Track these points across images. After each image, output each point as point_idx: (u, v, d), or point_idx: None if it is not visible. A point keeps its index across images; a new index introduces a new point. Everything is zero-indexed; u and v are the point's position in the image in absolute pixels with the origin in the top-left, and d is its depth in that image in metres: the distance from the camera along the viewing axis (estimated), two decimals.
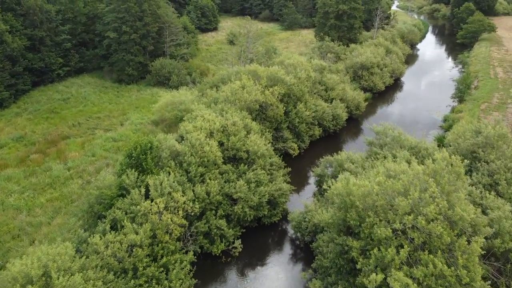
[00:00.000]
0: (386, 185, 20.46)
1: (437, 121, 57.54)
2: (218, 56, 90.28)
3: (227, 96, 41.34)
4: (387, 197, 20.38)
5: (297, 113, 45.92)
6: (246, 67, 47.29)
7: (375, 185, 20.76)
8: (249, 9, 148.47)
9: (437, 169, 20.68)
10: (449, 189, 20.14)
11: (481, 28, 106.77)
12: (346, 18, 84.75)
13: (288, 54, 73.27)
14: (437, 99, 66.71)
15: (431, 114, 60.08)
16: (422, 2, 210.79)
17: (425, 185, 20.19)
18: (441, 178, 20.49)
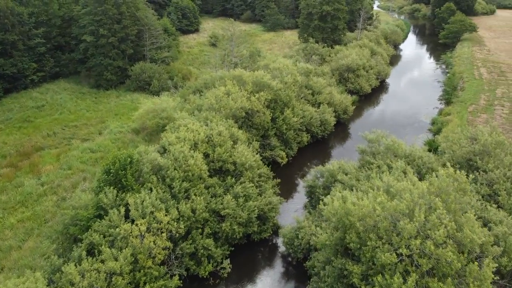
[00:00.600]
0: (389, 206, 18.83)
1: (425, 124, 56.66)
2: (200, 59, 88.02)
3: (211, 103, 39.27)
4: (390, 218, 18.76)
5: (285, 120, 44.18)
6: (230, 72, 45.34)
7: (376, 205, 19.11)
8: (230, 10, 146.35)
9: (442, 187, 19.16)
10: (456, 207, 18.64)
11: (463, 28, 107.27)
12: (330, 19, 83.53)
13: (272, 56, 71.65)
14: (424, 101, 65.99)
15: (419, 117, 59.20)
16: (402, 2, 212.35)
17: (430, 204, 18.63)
18: (447, 195, 18.98)
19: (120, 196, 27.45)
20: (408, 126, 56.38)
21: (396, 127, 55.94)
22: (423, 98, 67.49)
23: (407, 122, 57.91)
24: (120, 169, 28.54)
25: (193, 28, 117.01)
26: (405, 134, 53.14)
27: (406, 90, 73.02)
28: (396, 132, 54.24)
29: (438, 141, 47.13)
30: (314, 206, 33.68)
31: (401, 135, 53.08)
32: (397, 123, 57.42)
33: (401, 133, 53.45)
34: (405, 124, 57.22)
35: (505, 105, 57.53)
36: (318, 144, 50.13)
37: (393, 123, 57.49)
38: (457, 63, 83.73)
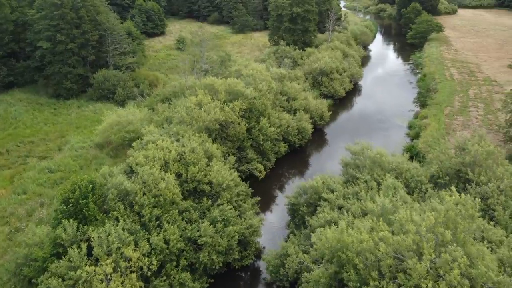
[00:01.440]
0: (392, 241, 16.60)
1: (402, 128, 55.56)
2: (168, 63, 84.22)
3: (182, 116, 36.13)
4: (394, 254, 16.54)
5: (261, 130, 41.63)
6: (202, 81, 42.36)
7: (378, 240, 16.84)
8: (197, 11, 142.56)
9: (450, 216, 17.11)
10: (466, 238, 16.64)
11: (430, 28, 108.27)
12: (300, 21, 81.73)
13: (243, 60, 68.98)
14: (398, 104, 65.12)
15: (395, 121, 58.12)
16: (368, 2, 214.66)
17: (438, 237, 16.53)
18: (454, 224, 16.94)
19: (82, 230, 24.04)
20: (385, 131, 55.11)
21: (373, 132, 54.62)
22: (397, 101, 66.65)
23: (383, 126, 56.65)
24: (80, 197, 25.10)
25: (158, 31, 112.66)
26: (383, 139, 51.91)
27: (380, 92, 72.09)
28: (374, 137, 52.95)
29: (418, 146, 45.99)
30: (298, 226, 31.35)
31: (379, 141, 51.82)
32: (373, 128, 56.07)
33: (379, 138, 52.17)
34: (382, 128, 55.94)
35: (479, 106, 57.30)
36: (296, 153, 47.91)
37: (370, 128, 56.12)
38: (427, 64, 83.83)
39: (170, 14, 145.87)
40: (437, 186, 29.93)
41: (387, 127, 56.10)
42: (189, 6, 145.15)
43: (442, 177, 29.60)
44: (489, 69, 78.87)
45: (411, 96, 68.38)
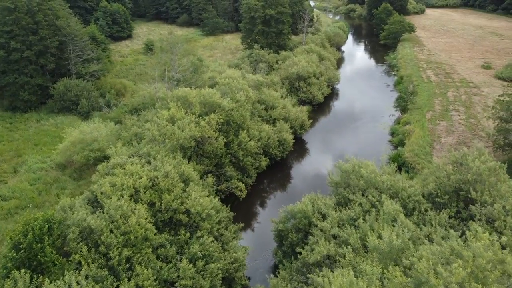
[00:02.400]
0: None
1: (384, 135, 53.63)
2: (136, 69, 79.70)
3: (153, 135, 32.43)
4: None
5: (240, 144, 38.40)
6: (174, 92, 38.72)
7: None
8: (165, 13, 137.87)
9: (479, 265, 14.52)
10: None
11: (402, 28, 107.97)
12: (274, 24, 79.03)
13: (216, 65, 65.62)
14: (378, 108, 63.37)
15: (376, 127, 56.15)
16: (337, 2, 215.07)
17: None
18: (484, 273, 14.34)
19: (36, 282, 20.17)
20: (367, 138, 53.00)
21: (355, 139, 52.51)
22: (376, 105, 64.91)
23: (365, 133, 54.55)
24: (34, 241, 21.23)
25: (125, 34, 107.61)
26: (366, 147, 49.80)
27: (358, 97, 70.28)
28: (356, 145, 50.84)
29: (404, 155, 43.98)
30: (286, 254, 28.35)
31: (362, 149, 49.70)
32: (355, 135, 53.95)
33: (362, 146, 50.05)
34: (364, 135, 53.83)
35: (460, 110, 56.14)
36: (277, 166, 44.98)
37: (351, 135, 54.01)
38: (403, 65, 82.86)
39: (137, 16, 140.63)
40: (435, 204, 27.65)
41: (369, 133, 54.02)
42: (157, 8, 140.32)
43: (440, 196, 27.28)
44: (463, 70, 78.59)
45: (390, 100, 66.82)
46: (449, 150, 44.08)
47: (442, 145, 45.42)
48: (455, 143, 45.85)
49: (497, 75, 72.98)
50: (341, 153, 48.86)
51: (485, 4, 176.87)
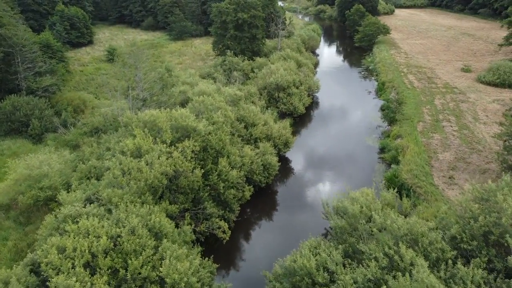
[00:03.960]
0: None
1: (373, 150, 49.37)
2: (97, 80, 72.53)
3: (115, 176, 26.36)
4: None
5: (220, 175, 32.89)
6: (140, 115, 32.74)
7: None
8: (129, 16, 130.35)
9: None
10: None
11: (377, 31, 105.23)
12: (247, 28, 73.80)
13: (187, 76, 59.75)
14: (363, 118, 59.32)
15: (364, 140, 51.89)
16: (307, 3, 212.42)
17: None
18: None
19: None
20: (356, 154, 48.64)
21: (344, 157, 48.03)
22: (360, 115, 60.88)
23: (353, 149, 50.16)
24: None
25: (85, 40, 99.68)
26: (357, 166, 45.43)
27: (340, 106, 66.05)
28: (345, 164, 46.28)
29: (401, 176, 39.67)
30: None
31: (353, 169, 45.25)
32: (343, 152, 49.44)
33: (352, 166, 45.66)
34: (352, 151, 49.44)
35: (451, 120, 52.72)
36: (262, 193, 39.71)
37: (339, 152, 49.47)
38: (383, 70, 79.50)
39: (98, 19, 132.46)
40: (459, 250, 23.17)
41: (357, 149, 49.66)
42: (120, 11, 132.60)
43: (466, 241, 22.83)
44: (444, 74, 75.98)
45: (374, 109, 62.99)
46: (449, 168, 40.32)
47: (441, 162, 41.49)
48: (453, 159, 42.03)
49: (479, 79, 70.63)
50: (329, 174, 44.31)
51: (452, 4, 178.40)
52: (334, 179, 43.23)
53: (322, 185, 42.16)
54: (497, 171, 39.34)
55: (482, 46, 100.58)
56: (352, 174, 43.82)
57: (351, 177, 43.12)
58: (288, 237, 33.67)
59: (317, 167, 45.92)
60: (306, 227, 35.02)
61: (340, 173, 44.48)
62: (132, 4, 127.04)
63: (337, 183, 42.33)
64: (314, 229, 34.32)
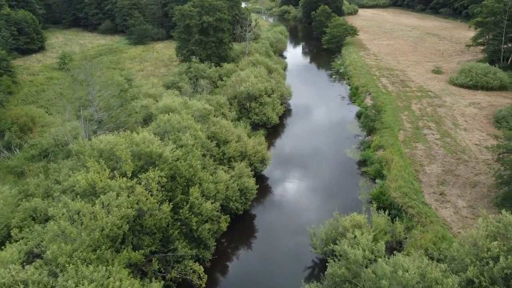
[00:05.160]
0: None
1: (354, 163, 46.18)
2: (49, 91, 65.92)
3: (62, 228, 21.19)
4: None
5: (193, 208, 28.38)
6: (94, 142, 27.68)
7: None
8: (84, 19, 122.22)
9: None
10: None
11: (345, 32, 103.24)
12: (212, 32, 69.31)
13: (149, 86, 54.61)
14: (339, 127, 56.20)
15: (343, 152, 48.65)
16: (270, 4, 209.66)
17: None
18: None
19: None
20: (336, 168, 45.33)
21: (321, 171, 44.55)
22: (336, 123, 57.75)
23: (332, 161, 46.85)
24: None
25: (35, 46, 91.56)
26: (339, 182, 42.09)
27: (314, 113, 62.73)
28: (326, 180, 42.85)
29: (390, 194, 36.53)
30: None
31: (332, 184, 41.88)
32: (323, 166, 45.96)
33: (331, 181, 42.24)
34: (331, 164, 46.09)
35: (431, 127, 50.48)
36: (239, 220, 35.45)
37: (319, 166, 45.97)
38: (354, 73, 77.09)
39: (51, 23, 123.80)
40: None
41: (338, 163, 46.33)
42: (74, 13, 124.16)
43: (486, 286, 19.63)
44: (416, 76, 74.46)
45: (350, 116, 60.14)
46: (438, 182, 37.62)
47: (429, 176, 38.75)
48: (441, 172, 39.41)
49: (451, 81, 69.42)
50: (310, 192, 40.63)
51: (414, 4, 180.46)
52: (316, 199, 39.60)
53: (304, 206, 38.41)
54: (488, 184, 37.10)
55: (448, 46, 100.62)
56: (336, 192, 40.40)
57: (335, 195, 39.69)
58: (273, 273, 29.66)
59: (297, 185, 42.20)
60: (291, 259, 31.19)
61: (322, 191, 40.94)
62: (87, 6, 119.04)
63: (321, 203, 38.74)
64: (300, 262, 30.63)
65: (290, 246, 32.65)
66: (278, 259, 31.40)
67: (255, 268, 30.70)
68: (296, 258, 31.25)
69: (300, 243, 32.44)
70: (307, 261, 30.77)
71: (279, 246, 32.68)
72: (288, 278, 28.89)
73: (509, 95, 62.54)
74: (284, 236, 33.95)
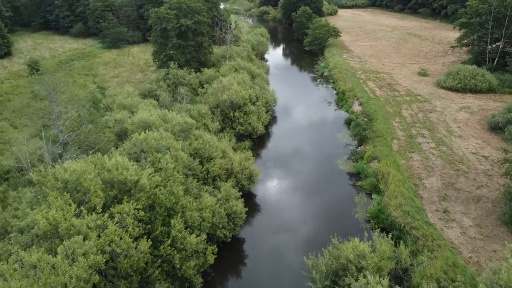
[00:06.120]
0: None
1: (345, 176, 43.25)
2: (15, 101, 60.83)
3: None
4: None
5: (175, 243, 24.77)
6: (57, 171, 23.75)
7: None
8: (55, 22, 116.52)
9: None
10: None
11: (328, 33, 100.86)
12: (191, 36, 65.52)
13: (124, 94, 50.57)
14: (328, 136, 53.29)
15: (334, 164, 45.70)
16: (249, 5, 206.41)
17: None
18: None
19: None
20: (328, 182, 42.39)
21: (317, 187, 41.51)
22: (325, 131, 54.86)
23: (323, 175, 43.83)
24: None
25: (1, 51, 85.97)
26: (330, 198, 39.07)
27: (301, 120, 59.66)
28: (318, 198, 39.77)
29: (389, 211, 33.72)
30: None
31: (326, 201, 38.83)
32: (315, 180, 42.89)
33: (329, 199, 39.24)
34: (326, 180, 43.04)
35: (425, 134, 48.13)
36: (226, 248, 31.96)
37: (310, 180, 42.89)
38: (339, 77, 74.55)
39: (19, 25, 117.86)
40: None
41: (330, 177, 43.38)
42: (44, 16, 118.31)
43: None
44: (403, 79, 72.47)
45: (338, 122, 57.41)
46: (440, 198, 35.04)
47: (429, 191, 36.14)
48: (441, 186, 36.88)
49: (439, 84, 67.63)
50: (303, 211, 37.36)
51: (392, 4, 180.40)
52: (310, 217, 36.43)
53: (297, 226, 35.21)
54: (492, 198, 34.76)
55: (431, 47, 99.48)
56: (331, 210, 37.35)
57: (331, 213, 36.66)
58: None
59: (288, 202, 39.00)
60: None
61: (316, 208, 37.84)
62: (58, 8, 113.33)
63: (315, 223, 35.63)
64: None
65: (284, 275, 29.40)
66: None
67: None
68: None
69: (294, 270, 29.18)
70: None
71: (272, 276, 29.37)
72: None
73: (498, 98, 61.06)
74: (277, 264, 30.67)
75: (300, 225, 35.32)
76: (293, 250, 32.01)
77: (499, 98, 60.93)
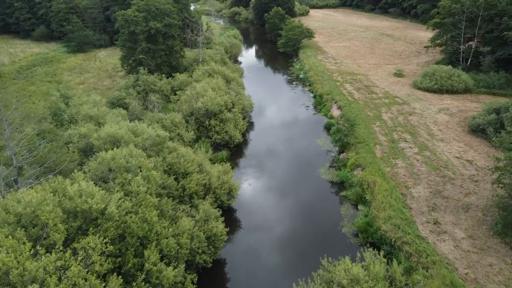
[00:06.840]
0: None
1: (329, 185, 41.35)
2: None
3: None
4: None
5: (149, 277, 21.96)
6: (8, 202, 20.50)
7: None
8: (15, 25, 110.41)
9: None
10: None
11: (302, 35, 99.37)
12: (161, 39, 62.32)
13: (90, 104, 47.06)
14: (308, 142, 51.33)
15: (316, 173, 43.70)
16: (220, 5, 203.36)
17: None
18: None
19: None
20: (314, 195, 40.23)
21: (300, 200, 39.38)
22: (305, 137, 52.88)
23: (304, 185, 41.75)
24: None
25: None
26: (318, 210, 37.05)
27: (279, 126, 57.41)
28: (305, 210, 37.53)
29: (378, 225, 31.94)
30: None
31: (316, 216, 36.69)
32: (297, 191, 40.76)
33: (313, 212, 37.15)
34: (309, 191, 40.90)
35: (407, 139, 46.91)
36: (206, 274, 29.31)
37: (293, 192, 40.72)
38: (315, 79, 72.96)
39: None
40: None
41: (310, 185, 41.37)
42: (3, 19, 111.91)
43: None
44: (380, 80, 71.59)
45: (318, 127, 55.61)
46: (429, 208, 33.56)
47: (417, 201, 34.64)
48: (429, 195, 35.47)
49: (416, 85, 67.08)
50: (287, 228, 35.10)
51: (363, 4, 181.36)
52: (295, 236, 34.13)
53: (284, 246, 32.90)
54: (481, 206, 33.58)
55: (404, 47, 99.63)
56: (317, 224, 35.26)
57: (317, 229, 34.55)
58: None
59: (270, 217, 36.67)
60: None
61: (300, 223, 35.67)
62: (18, 10, 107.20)
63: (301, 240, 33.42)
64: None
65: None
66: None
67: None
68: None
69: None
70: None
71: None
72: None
73: (475, 99, 60.85)
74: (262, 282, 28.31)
75: (286, 243, 33.07)
76: (279, 272, 29.71)
77: (475, 99, 60.71)
